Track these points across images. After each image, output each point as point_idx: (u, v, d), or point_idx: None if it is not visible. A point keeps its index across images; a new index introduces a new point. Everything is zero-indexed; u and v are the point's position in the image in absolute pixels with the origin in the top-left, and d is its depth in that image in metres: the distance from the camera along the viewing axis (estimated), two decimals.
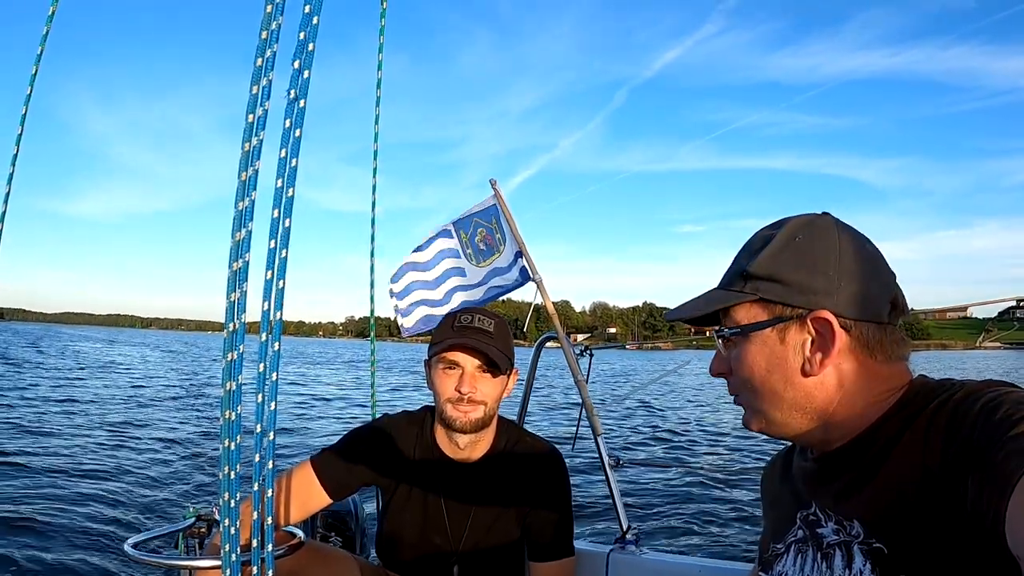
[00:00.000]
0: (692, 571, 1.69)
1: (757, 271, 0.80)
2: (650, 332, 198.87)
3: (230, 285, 0.81)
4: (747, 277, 0.81)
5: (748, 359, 0.81)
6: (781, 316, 0.78)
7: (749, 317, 0.81)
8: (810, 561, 0.79)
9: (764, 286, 0.79)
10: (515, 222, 2.09)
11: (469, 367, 1.44)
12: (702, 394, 16.44)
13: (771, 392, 0.80)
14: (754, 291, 0.80)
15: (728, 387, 0.87)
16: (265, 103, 0.83)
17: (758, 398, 0.82)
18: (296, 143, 0.82)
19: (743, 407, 0.86)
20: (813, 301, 0.77)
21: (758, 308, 0.80)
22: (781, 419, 0.81)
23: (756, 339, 0.80)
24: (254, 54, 0.82)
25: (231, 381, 0.81)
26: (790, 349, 0.78)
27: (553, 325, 2.10)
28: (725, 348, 0.85)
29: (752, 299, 0.80)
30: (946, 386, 0.74)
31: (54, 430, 8.01)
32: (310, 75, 0.84)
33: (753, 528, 4.70)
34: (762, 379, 0.80)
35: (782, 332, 0.78)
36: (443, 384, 1.46)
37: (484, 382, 1.45)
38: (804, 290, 0.77)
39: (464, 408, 1.44)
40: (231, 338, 0.80)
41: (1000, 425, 0.62)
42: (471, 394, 1.43)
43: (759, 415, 0.83)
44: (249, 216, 0.82)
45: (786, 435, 0.84)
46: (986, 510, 0.59)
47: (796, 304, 0.78)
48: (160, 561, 1.30)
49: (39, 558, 3.70)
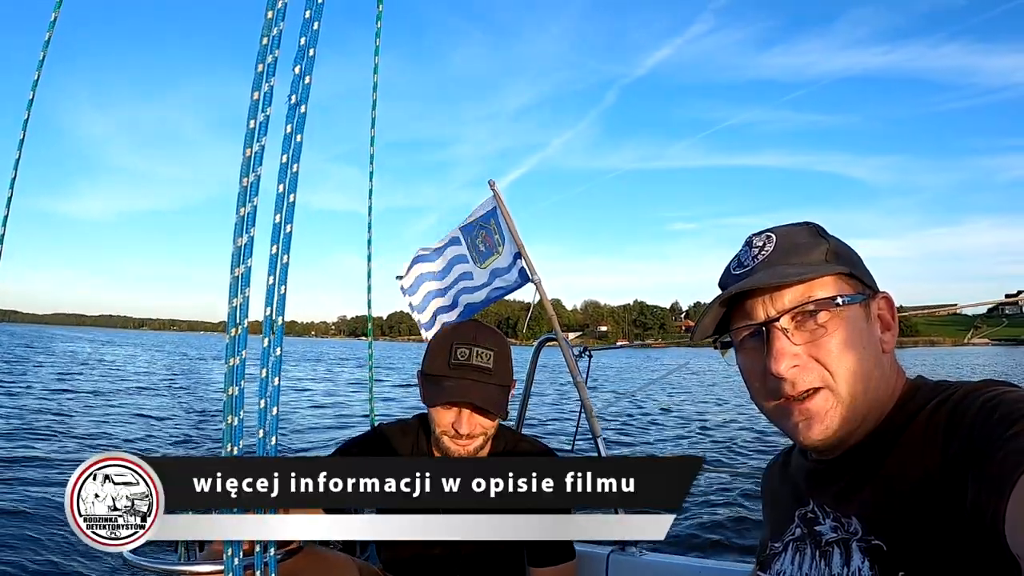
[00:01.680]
0: (691, 572, 1.69)
1: (838, 249, 0.80)
2: (641, 330, 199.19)
3: (232, 291, 0.81)
4: (831, 253, 0.80)
5: (850, 335, 0.75)
6: (863, 292, 0.78)
7: (839, 291, 0.77)
8: (808, 559, 0.79)
9: (846, 264, 0.79)
10: (514, 223, 2.10)
11: (467, 408, 1.41)
12: (701, 393, 16.46)
13: (868, 371, 0.75)
14: (843, 265, 0.79)
15: (799, 384, 0.76)
16: (267, 109, 0.83)
17: (855, 382, 0.75)
18: (298, 148, 0.82)
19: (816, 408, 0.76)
20: (874, 283, 0.80)
21: (843, 283, 0.78)
22: (865, 409, 0.76)
23: (850, 314, 0.76)
24: (254, 59, 0.82)
25: (233, 386, 0.81)
26: (873, 326, 0.78)
27: (552, 326, 2.10)
28: (799, 335, 0.76)
29: (843, 272, 0.78)
30: (944, 386, 0.75)
31: (51, 430, 7.99)
32: (311, 81, 0.84)
33: (753, 529, 4.70)
34: (862, 356, 0.75)
35: (867, 308, 0.78)
36: (440, 417, 1.42)
37: (482, 419, 1.43)
38: (867, 272, 0.80)
39: (462, 443, 1.42)
40: (233, 343, 0.80)
41: (999, 424, 0.63)
42: (470, 432, 1.41)
43: (848, 407, 0.75)
44: (251, 222, 0.82)
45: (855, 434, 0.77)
46: (985, 509, 0.59)
47: (868, 283, 0.80)
48: (159, 567, 1.28)
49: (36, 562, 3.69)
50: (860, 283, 0.79)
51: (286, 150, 0.81)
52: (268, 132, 0.83)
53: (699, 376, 22.00)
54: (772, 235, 0.82)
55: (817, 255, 0.79)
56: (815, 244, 0.80)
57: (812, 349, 0.75)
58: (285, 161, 0.81)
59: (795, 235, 0.82)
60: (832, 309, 0.75)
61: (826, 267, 0.77)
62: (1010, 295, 2.57)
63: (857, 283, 0.78)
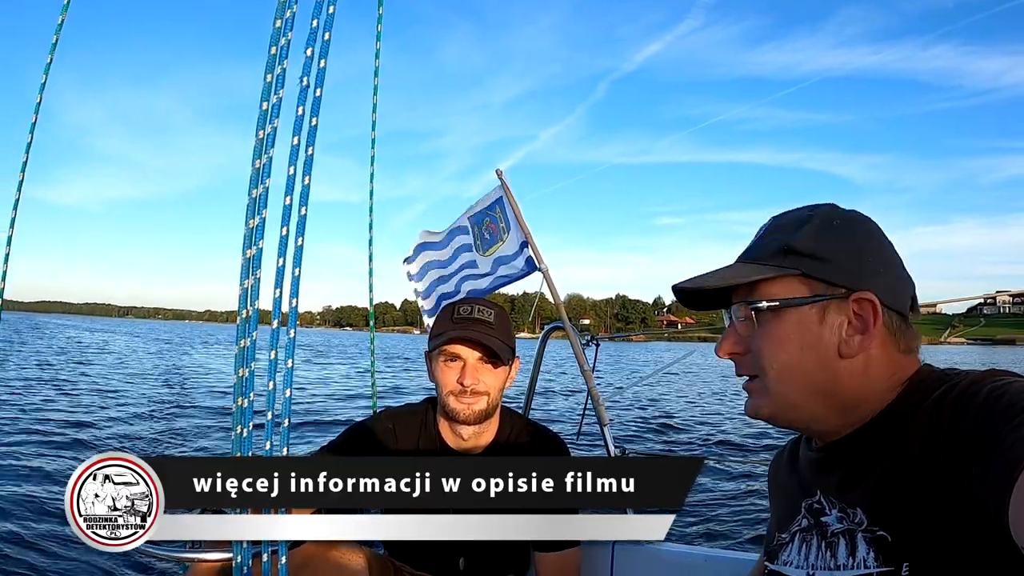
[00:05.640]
0: (698, 561, 1.69)
1: (801, 247, 0.79)
2: (622, 324, 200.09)
3: (243, 272, 0.81)
4: (789, 251, 0.79)
5: (782, 336, 0.78)
6: (822, 294, 0.77)
7: (787, 292, 0.78)
8: (814, 550, 0.79)
9: (807, 262, 0.78)
10: (521, 211, 2.09)
11: (471, 359, 1.45)
12: (707, 384, 16.44)
13: (801, 373, 0.78)
14: (795, 266, 0.78)
15: (739, 369, 0.84)
16: (279, 91, 0.83)
17: (783, 380, 0.79)
18: (312, 132, 0.82)
19: (752, 392, 0.83)
20: (855, 282, 0.77)
21: (798, 283, 0.78)
22: (801, 403, 0.79)
23: (793, 316, 0.78)
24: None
25: (244, 368, 0.81)
26: (827, 329, 0.77)
27: (559, 315, 2.10)
28: (744, 327, 0.82)
29: (794, 273, 0.78)
30: (950, 375, 0.75)
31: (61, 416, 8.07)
32: (326, 64, 0.83)
33: (760, 519, 4.71)
34: (794, 359, 0.78)
35: (822, 310, 0.77)
36: (445, 376, 1.46)
37: (486, 373, 1.46)
38: (847, 270, 0.78)
39: (467, 400, 1.45)
40: (244, 325, 0.81)
41: (1004, 414, 0.62)
42: (473, 386, 1.44)
43: (776, 399, 0.80)
44: (263, 203, 0.83)
45: (798, 421, 0.81)
46: (989, 499, 0.59)
47: (838, 283, 0.77)
48: (170, 555, 1.30)
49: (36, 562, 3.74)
50: (823, 283, 0.77)
51: (297, 132, 0.81)
52: (280, 114, 0.83)
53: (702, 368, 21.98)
54: (768, 224, 0.86)
55: (777, 253, 0.80)
56: (783, 240, 0.80)
57: (751, 343, 0.81)
58: (297, 143, 0.81)
59: (780, 226, 0.83)
60: (761, 310, 0.79)
61: (771, 269, 0.79)
62: (988, 295, 2.54)
63: (817, 284, 0.78)
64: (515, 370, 1.56)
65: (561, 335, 2.19)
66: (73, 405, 9.68)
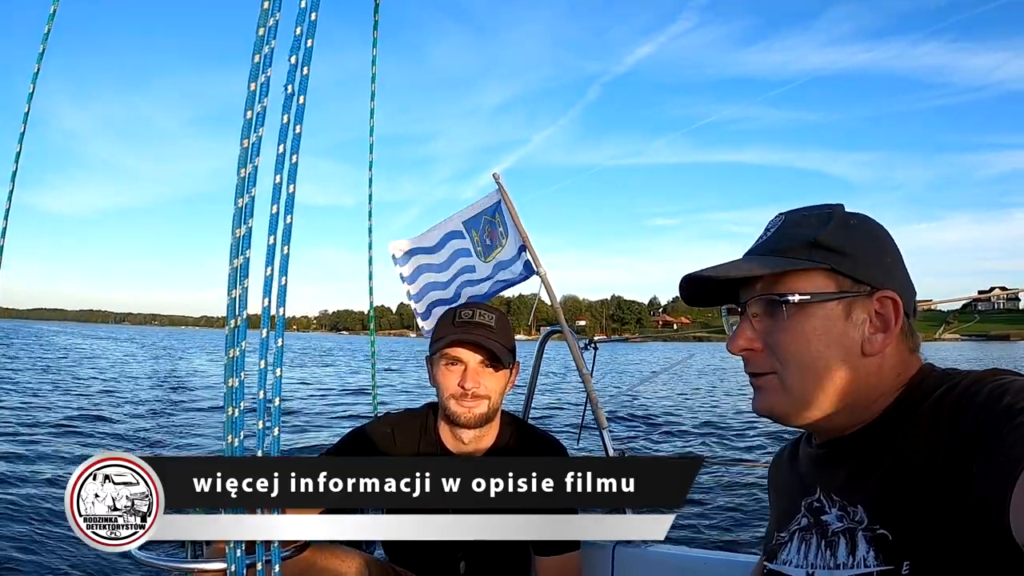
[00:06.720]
0: (697, 564, 1.69)
1: (829, 242, 0.78)
2: (618, 325, 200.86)
3: (231, 282, 0.81)
4: (815, 246, 0.78)
5: (808, 331, 0.76)
6: (850, 290, 0.77)
7: (814, 287, 0.77)
8: (814, 549, 0.78)
9: (836, 258, 0.77)
10: (518, 215, 2.09)
11: (472, 362, 1.46)
12: (708, 385, 16.43)
13: (823, 370, 0.76)
14: (824, 260, 0.77)
15: (750, 365, 0.82)
16: (264, 99, 0.82)
17: (806, 376, 0.77)
18: (296, 139, 0.82)
19: (765, 388, 0.81)
20: (879, 281, 0.77)
21: (824, 279, 0.77)
22: (819, 400, 0.77)
23: (820, 311, 0.77)
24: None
25: (233, 378, 0.81)
26: (852, 326, 0.77)
27: (557, 318, 2.10)
28: (761, 322, 0.80)
29: (823, 268, 0.77)
30: (951, 374, 0.75)
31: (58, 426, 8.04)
32: (309, 72, 0.83)
33: (760, 521, 4.70)
34: (820, 355, 0.76)
35: (848, 307, 0.77)
36: (446, 380, 1.47)
37: (487, 376, 1.47)
38: (871, 269, 0.78)
39: (468, 403, 1.45)
40: (233, 335, 0.81)
41: (1005, 413, 0.62)
42: (475, 389, 1.45)
43: (794, 396, 0.78)
44: (249, 212, 0.82)
45: (809, 419, 0.80)
46: (990, 498, 0.59)
47: (864, 280, 0.77)
48: (166, 564, 1.29)
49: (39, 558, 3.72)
50: (850, 280, 0.77)
51: (283, 140, 0.81)
52: (265, 123, 0.83)
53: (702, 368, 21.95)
54: (781, 218, 0.84)
55: (803, 247, 0.78)
56: (809, 235, 0.79)
57: (769, 338, 0.79)
58: (282, 151, 0.81)
59: (800, 222, 0.82)
60: (791, 303, 0.77)
61: (801, 262, 0.78)
62: (983, 291, 2.55)
63: (844, 280, 0.77)
64: (515, 374, 1.57)
65: (559, 338, 2.19)
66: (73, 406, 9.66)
